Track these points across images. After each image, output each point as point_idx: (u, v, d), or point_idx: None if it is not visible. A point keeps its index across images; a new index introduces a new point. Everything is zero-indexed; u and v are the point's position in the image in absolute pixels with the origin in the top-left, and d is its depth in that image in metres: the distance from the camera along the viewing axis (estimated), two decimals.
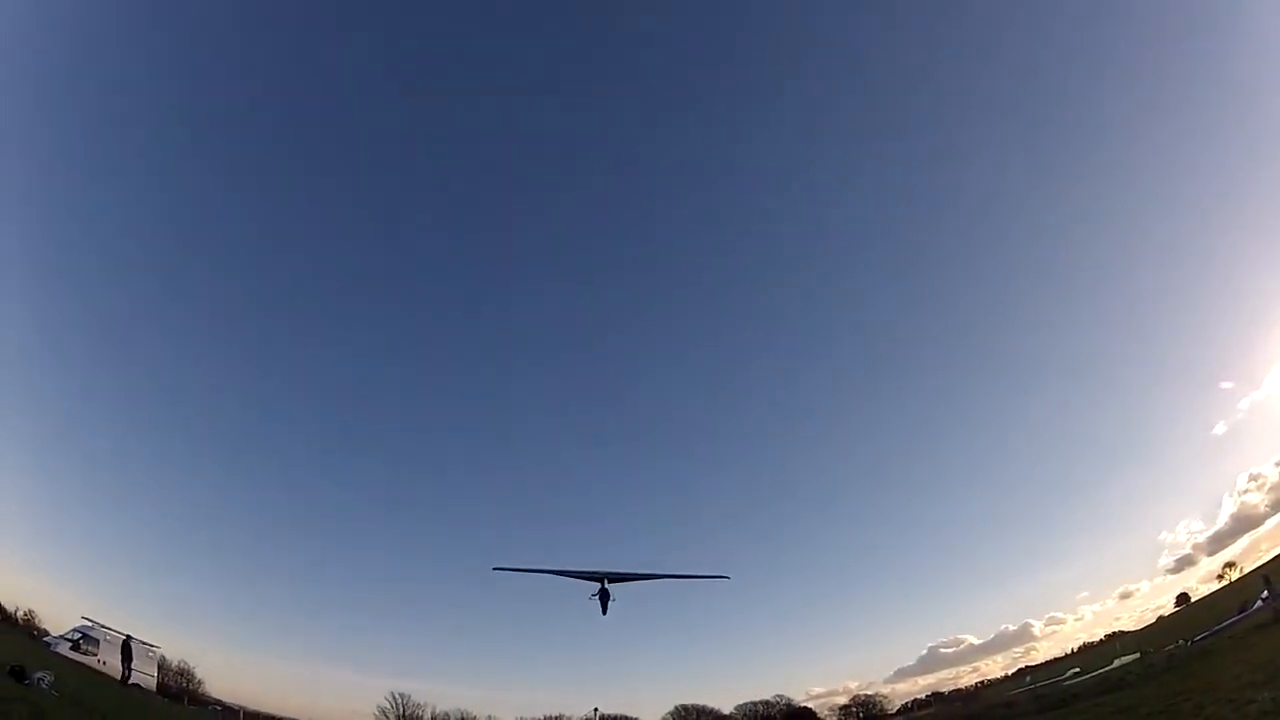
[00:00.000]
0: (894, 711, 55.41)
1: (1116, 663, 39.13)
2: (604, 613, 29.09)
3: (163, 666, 42.95)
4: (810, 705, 57.99)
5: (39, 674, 17.54)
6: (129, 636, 35.76)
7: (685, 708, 57.41)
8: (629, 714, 54.42)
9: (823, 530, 79.75)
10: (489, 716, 56.26)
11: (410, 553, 77.94)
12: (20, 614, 45.72)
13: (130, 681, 34.22)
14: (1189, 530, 62.47)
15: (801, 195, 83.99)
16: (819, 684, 63.50)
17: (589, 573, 28.73)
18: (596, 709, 24.86)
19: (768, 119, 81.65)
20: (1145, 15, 69.80)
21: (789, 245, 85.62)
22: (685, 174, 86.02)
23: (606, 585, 28.52)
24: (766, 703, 57.42)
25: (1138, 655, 38.76)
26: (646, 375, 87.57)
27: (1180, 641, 37.00)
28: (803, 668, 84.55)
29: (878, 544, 75.81)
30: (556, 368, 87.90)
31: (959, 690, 55.69)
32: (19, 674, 16.97)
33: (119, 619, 37.60)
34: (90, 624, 36.66)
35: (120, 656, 34.82)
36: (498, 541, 78.10)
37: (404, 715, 54.13)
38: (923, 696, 57.17)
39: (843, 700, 58.09)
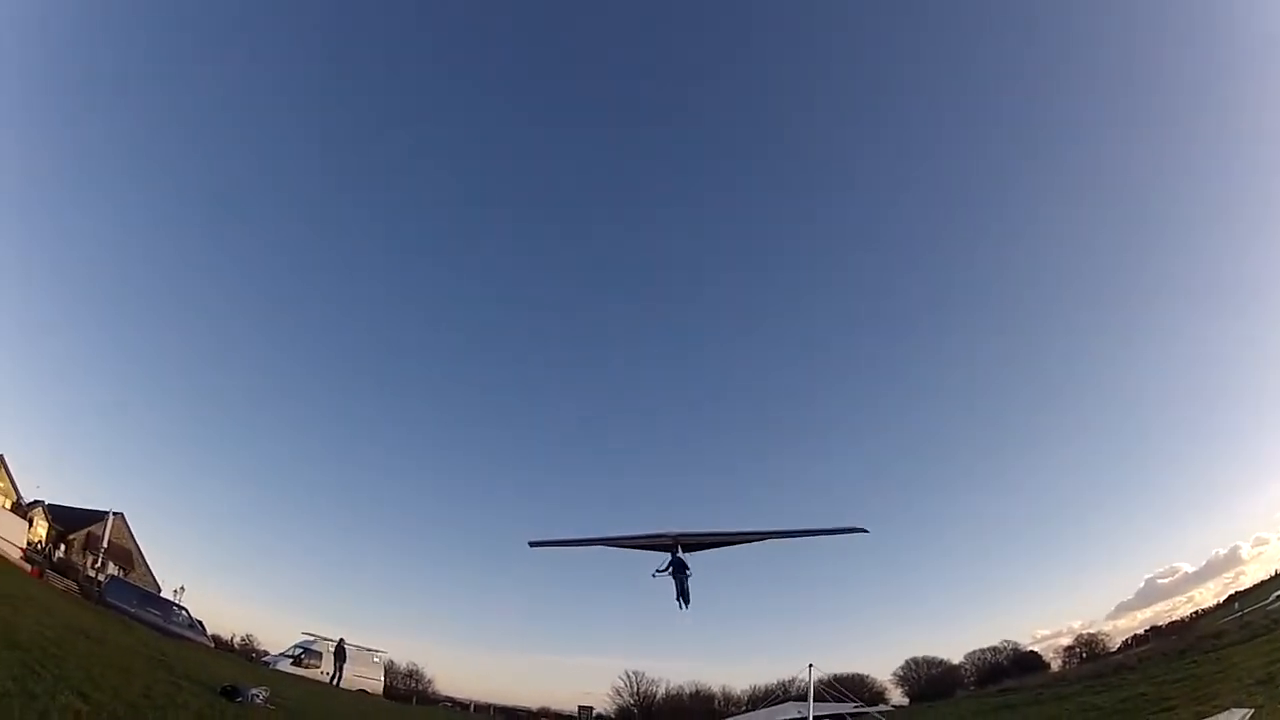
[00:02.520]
0: (1114, 650, 51.89)
1: None
2: (682, 599, 17.94)
3: (390, 670, 42.12)
4: (1036, 649, 55.81)
5: (253, 691, 14.59)
6: (341, 640, 34.16)
7: (915, 661, 55.81)
8: (859, 672, 53.15)
9: (1036, 474, 77.81)
10: (722, 687, 55.34)
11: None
12: (237, 639, 46.80)
13: (344, 684, 32.50)
14: None
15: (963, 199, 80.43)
16: (1044, 626, 63.20)
17: (650, 537, 18.38)
18: (811, 665, 19.55)
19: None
20: None
21: None
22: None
23: (680, 554, 18.01)
24: (994, 649, 55.14)
25: None
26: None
27: None
28: (1027, 611, 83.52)
29: (1083, 479, 74.43)
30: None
31: (1175, 622, 53.16)
32: (231, 693, 14.01)
33: (348, 633, 35.95)
34: (312, 638, 35.36)
35: (334, 661, 33.27)
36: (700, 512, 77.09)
37: (637, 693, 53.93)
38: (1141, 632, 53.89)
39: (1067, 641, 55.46)
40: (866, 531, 17.91)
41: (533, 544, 20.50)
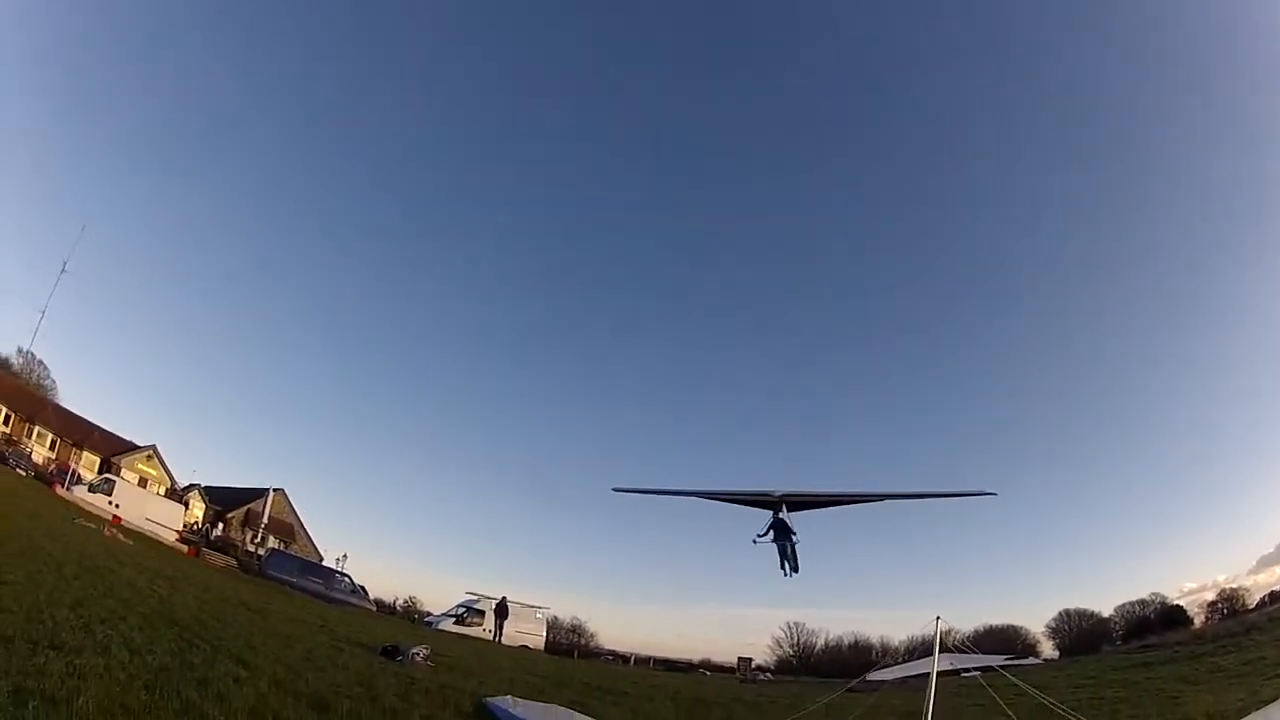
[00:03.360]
0: (1253, 606, 48.85)
1: None
2: (788, 565, 14.62)
3: (553, 626, 43.05)
4: (1182, 603, 53.22)
5: (414, 649, 14.39)
6: (504, 598, 34.46)
7: (1068, 613, 55.18)
8: (1014, 624, 53.52)
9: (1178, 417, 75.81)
10: (881, 637, 54.81)
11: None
12: (400, 602, 48.94)
13: (505, 640, 32.95)
14: None
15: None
16: (1192, 579, 61.89)
17: (751, 494, 15.09)
18: (938, 617, 17.45)
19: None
20: None
21: None
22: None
23: (783, 515, 14.58)
24: (1142, 602, 53.57)
25: None
26: None
27: None
28: (1177, 561, 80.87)
29: (1229, 417, 73.12)
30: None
31: None
32: (391, 652, 13.99)
33: (515, 591, 36.77)
34: (475, 597, 35.89)
35: (495, 618, 33.72)
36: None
37: (797, 643, 54.74)
38: (1278, 588, 49.58)
39: (1211, 596, 53.15)
40: (995, 494, 16.00)
41: (617, 490, 19.15)
